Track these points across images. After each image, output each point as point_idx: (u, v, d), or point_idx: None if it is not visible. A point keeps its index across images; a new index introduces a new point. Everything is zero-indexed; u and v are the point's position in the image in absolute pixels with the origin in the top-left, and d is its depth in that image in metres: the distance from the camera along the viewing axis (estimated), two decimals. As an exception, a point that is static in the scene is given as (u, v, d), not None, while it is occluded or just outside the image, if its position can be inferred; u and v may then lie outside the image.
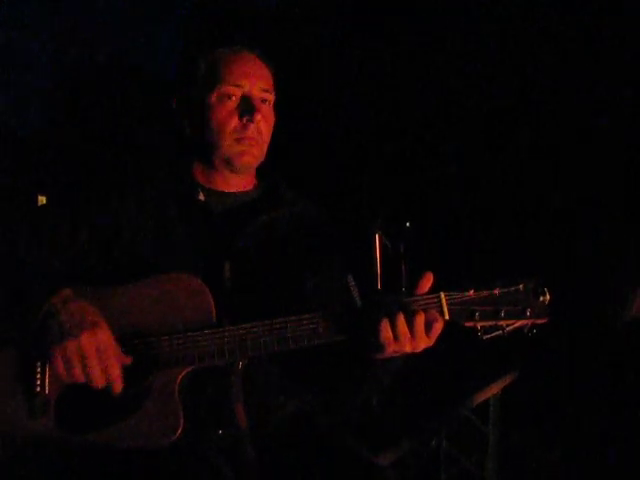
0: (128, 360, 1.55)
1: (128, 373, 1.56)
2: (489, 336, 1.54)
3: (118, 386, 1.53)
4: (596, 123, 4.41)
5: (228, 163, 1.77)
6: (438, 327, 1.52)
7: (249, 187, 1.87)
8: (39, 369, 1.59)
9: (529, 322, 1.54)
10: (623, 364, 3.34)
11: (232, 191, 1.83)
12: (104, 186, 1.80)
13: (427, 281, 1.55)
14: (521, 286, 1.54)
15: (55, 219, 1.73)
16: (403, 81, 5.32)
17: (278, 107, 1.89)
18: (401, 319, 1.50)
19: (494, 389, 3.31)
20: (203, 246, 1.72)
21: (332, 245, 1.88)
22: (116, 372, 1.52)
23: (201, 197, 1.78)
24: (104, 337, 1.52)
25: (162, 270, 1.62)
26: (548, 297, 1.53)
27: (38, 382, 1.58)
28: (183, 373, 1.58)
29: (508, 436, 3.55)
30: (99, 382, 1.52)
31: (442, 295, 1.54)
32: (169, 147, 1.88)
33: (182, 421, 1.55)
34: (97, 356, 1.51)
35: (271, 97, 1.81)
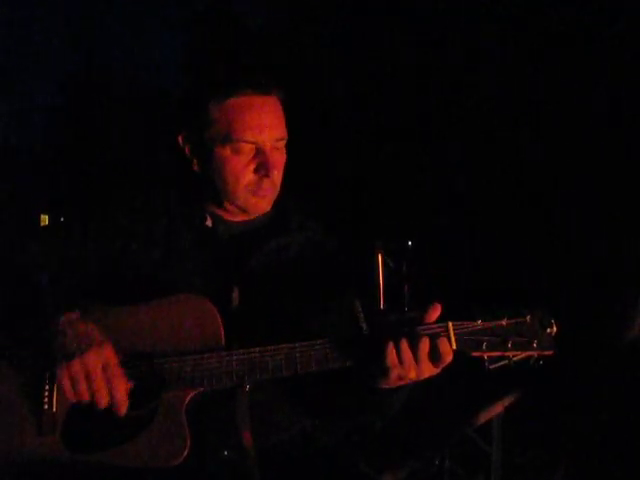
0: (131, 385, 1.57)
1: (136, 394, 1.58)
2: (495, 366, 1.55)
3: (122, 409, 1.55)
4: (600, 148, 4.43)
5: (242, 210, 1.79)
6: (448, 359, 1.52)
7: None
8: (47, 386, 1.60)
9: (535, 354, 1.54)
10: (627, 384, 3.34)
11: (241, 220, 1.84)
12: (113, 208, 1.81)
13: (435, 311, 1.55)
14: (528, 317, 1.54)
15: (65, 240, 1.75)
16: (406, 100, 5.34)
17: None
18: (405, 344, 1.51)
19: (498, 408, 3.30)
20: (212, 271, 1.73)
21: (340, 270, 1.88)
22: (121, 393, 1.54)
23: (209, 223, 1.80)
24: (110, 355, 1.55)
25: (170, 294, 1.63)
26: (555, 329, 1.54)
27: (46, 399, 1.59)
28: (190, 395, 1.58)
29: (511, 456, 3.54)
30: (104, 401, 1.53)
31: (450, 325, 1.54)
32: (177, 174, 1.88)
33: (189, 443, 1.55)
34: (103, 374, 1.53)
35: (284, 142, 1.78)
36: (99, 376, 1.53)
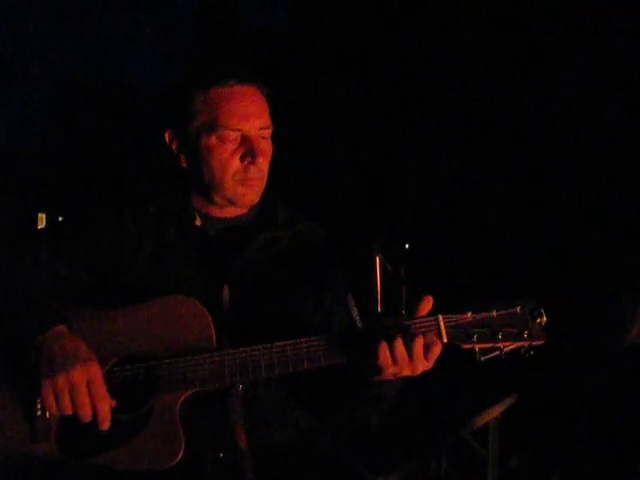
0: (114, 403, 1.57)
1: (129, 397, 1.58)
2: (486, 357, 1.56)
3: (105, 424, 1.55)
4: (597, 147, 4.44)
5: (230, 201, 1.78)
6: (436, 350, 1.53)
7: (245, 210, 1.87)
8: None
9: (526, 344, 1.56)
10: (624, 388, 3.34)
11: (229, 216, 1.84)
12: (104, 209, 1.81)
13: (427, 303, 1.57)
14: (518, 308, 1.56)
15: (55, 244, 1.75)
16: (404, 103, 5.36)
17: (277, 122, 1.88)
18: (400, 342, 1.52)
19: (494, 412, 3.31)
20: (201, 270, 1.73)
21: (332, 265, 1.88)
22: (104, 410, 1.54)
23: (197, 222, 1.79)
24: (95, 373, 1.55)
25: (161, 295, 1.64)
26: (545, 319, 1.55)
27: (39, 405, 1.58)
28: (184, 397, 1.58)
29: (507, 459, 3.55)
30: (87, 416, 1.54)
31: (440, 317, 1.56)
32: (166, 172, 1.87)
33: (183, 445, 1.55)
34: (87, 390, 1.54)
35: (269, 131, 1.79)
36: (83, 392, 1.53)
